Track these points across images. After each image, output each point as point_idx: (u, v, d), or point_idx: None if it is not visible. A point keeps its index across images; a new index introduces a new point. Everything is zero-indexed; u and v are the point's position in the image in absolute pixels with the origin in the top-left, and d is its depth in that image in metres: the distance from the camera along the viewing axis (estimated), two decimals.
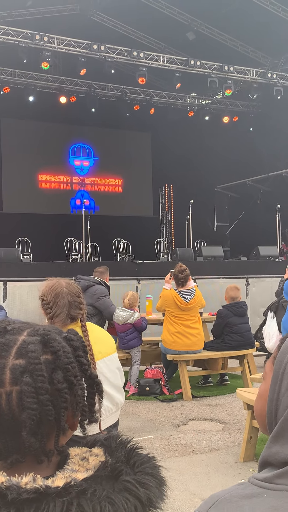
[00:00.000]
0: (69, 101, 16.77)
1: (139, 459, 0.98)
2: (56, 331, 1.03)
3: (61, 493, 0.87)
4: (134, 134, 19.44)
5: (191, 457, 5.16)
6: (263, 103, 17.59)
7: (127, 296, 7.70)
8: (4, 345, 0.97)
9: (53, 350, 0.98)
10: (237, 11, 14.37)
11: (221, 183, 19.25)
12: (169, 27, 15.42)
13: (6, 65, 15.56)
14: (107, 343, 2.90)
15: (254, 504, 0.92)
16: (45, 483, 0.89)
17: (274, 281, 11.47)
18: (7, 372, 0.95)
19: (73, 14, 15.44)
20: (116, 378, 2.88)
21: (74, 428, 1.02)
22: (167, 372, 7.87)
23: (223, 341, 7.80)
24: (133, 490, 0.91)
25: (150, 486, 0.94)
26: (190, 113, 18.43)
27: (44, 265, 11.63)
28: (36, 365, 0.95)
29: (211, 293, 11.08)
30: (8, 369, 0.95)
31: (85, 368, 1.02)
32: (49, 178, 18.61)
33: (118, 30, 15.98)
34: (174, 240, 19.55)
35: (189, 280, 7.71)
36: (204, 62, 14.93)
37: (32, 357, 0.95)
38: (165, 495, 0.97)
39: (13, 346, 0.97)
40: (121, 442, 1.02)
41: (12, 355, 0.96)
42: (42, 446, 0.95)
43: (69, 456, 1.01)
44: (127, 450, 1.00)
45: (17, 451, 0.95)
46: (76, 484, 0.89)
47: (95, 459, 0.98)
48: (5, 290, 9.95)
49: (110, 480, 0.92)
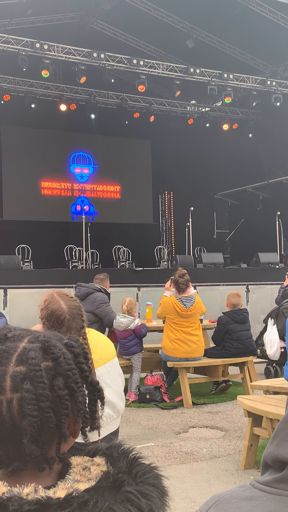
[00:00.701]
0: (69, 108, 16.84)
1: (141, 469, 0.97)
2: (56, 338, 1.03)
3: (62, 504, 0.86)
4: (134, 142, 19.50)
5: (191, 464, 5.14)
6: (263, 110, 17.65)
7: (125, 303, 7.70)
8: (5, 352, 0.97)
9: (53, 356, 0.98)
10: (236, 19, 14.43)
11: (221, 190, 19.28)
12: (168, 35, 15.49)
13: (6, 73, 15.63)
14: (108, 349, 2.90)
15: (252, 506, 0.93)
16: (47, 494, 0.88)
17: (274, 288, 11.46)
18: (8, 379, 0.94)
19: (73, 23, 15.51)
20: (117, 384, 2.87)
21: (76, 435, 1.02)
22: (168, 379, 7.85)
23: (224, 348, 7.79)
24: (135, 501, 0.90)
25: (152, 497, 0.93)
26: (190, 120, 18.48)
27: (44, 272, 11.64)
28: (36, 372, 0.94)
29: (211, 300, 11.08)
30: (8, 376, 0.94)
31: (86, 375, 1.02)
32: (49, 185, 18.64)
33: (118, 38, 16.05)
34: (174, 247, 19.56)
35: (189, 286, 7.71)
36: (204, 70, 14.99)
37: (33, 364, 0.95)
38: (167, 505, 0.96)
39: (13, 353, 0.97)
40: (123, 452, 1.01)
41: (12, 362, 0.96)
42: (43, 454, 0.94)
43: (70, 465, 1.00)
44: (129, 460, 0.99)
45: (18, 459, 0.94)
46: (77, 495, 0.88)
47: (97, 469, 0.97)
48: (5, 297, 9.94)
49: (112, 491, 0.91)
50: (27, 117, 16.63)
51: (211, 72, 15.10)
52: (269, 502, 0.93)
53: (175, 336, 7.51)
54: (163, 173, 19.13)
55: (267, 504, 0.92)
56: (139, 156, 19.78)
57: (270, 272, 12.77)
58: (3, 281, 10.24)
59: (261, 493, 0.95)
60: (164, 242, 19.84)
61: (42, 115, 16.52)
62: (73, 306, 2.78)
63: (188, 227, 14.84)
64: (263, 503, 0.93)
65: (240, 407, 6.32)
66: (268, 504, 0.92)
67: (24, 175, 17.84)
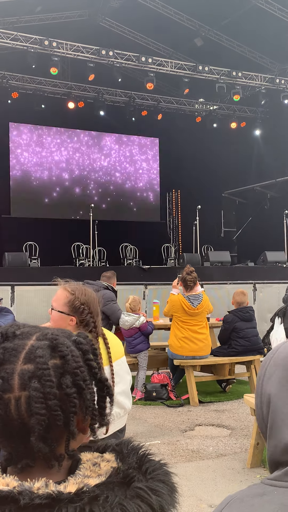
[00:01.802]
0: (77, 106, 16.85)
1: (151, 465, 0.98)
2: (65, 335, 1.03)
3: (73, 498, 0.86)
4: (142, 140, 19.49)
5: (197, 462, 5.15)
6: (271, 108, 17.59)
7: (128, 301, 7.71)
8: (13, 350, 0.97)
9: (61, 354, 0.98)
10: (245, 17, 14.39)
11: (229, 189, 19.25)
12: (177, 33, 15.47)
13: (15, 70, 15.66)
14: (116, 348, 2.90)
15: (264, 502, 0.94)
16: (58, 488, 0.89)
17: (282, 286, 11.44)
18: (16, 377, 0.94)
19: (81, 20, 15.53)
20: (125, 382, 2.88)
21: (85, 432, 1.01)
22: (174, 377, 7.86)
23: (230, 346, 7.78)
24: (145, 497, 0.90)
25: (162, 493, 0.93)
26: (198, 118, 18.46)
27: (52, 270, 11.66)
28: (44, 370, 0.94)
29: (218, 298, 11.07)
30: (16, 374, 0.95)
31: (95, 372, 1.02)
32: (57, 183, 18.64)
33: (126, 36, 16.05)
34: (181, 245, 19.54)
35: (197, 284, 7.70)
36: (212, 68, 14.97)
37: (40, 362, 0.95)
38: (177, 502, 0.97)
39: (21, 351, 0.97)
40: (132, 448, 1.02)
41: (20, 360, 0.96)
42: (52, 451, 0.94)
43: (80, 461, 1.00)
44: (139, 456, 0.99)
45: (27, 456, 0.94)
46: (88, 490, 0.88)
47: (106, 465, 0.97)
48: (13, 294, 9.97)
49: (122, 486, 0.91)
50: (35, 115, 16.66)
51: (220, 70, 15.08)
52: (280, 495, 0.94)
53: (182, 334, 7.51)
54: (171, 171, 19.11)
55: (280, 497, 0.94)
56: (146, 154, 19.76)
57: (278, 271, 12.75)
58: (11, 278, 10.27)
59: (272, 488, 0.96)
60: (171, 240, 19.83)
61: (50, 113, 16.55)
62: None
63: (196, 225, 14.83)
64: (275, 497, 0.94)
65: (246, 406, 6.32)
66: (280, 497, 0.94)
67: (31, 173, 17.86)
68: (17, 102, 16.06)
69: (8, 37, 13.08)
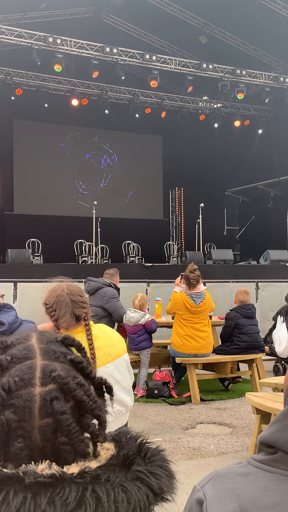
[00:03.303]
0: (81, 103, 16.84)
1: (150, 451, 0.99)
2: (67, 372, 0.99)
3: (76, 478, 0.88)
4: (145, 137, 19.47)
5: (199, 460, 5.15)
6: (275, 107, 17.56)
7: (137, 298, 7.70)
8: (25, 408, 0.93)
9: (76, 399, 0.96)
10: (249, 15, 14.37)
11: (232, 187, 19.23)
12: (181, 31, 15.45)
13: (19, 67, 15.66)
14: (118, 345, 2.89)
15: (247, 482, 0.99)
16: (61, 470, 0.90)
17: (284, 285, 11.43)
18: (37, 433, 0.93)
19: (86, 17, 15.52)
20: (126, 380, 2.88)
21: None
22: (176, 375, 7.86)
23: (233, 342, 7.78)
24: (145, 479, 0.92)
25: (161, 477, 0.95)
26: (202, 116, 18.43)
27: (54, 267, 11.66)
28: (67, 421, 0.93)
29: (221, 296, 11.06)
30: (36, 429, 0.93)
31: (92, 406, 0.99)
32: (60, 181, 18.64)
33: (130, 33, 16.03)
34: (184, 243, 19.55)
35: (199, 282, 7.70)
36: (216, 66, 14.94)
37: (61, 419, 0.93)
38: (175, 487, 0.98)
39: (33, 405, 0.93)
40: (131, 437, 1.03)
41: (37, 416, 0.93)
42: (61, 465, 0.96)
43: None
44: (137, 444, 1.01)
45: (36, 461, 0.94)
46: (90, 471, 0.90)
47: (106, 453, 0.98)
48: (15, 291, 9.98)
49: (123, 469, 0.93)
50: (39, 112, 16.66)
51: (224, 68, 15.05)
52: (263, 478, 0.99)
53: (184, 332, 7.51)
54: (174, 169, 19.10)
55: (262, 480, 0.98)
56: (149, 151, 19.75)
57: (280, 270, 12.72)
58: (13, 275, 10.28)
59: (257, 470, 1.01)
60: (174, 238, 19.83)
61: (54, 110, 16.55)
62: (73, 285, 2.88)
63: (198, 223, 14.82)
64: (258, 479, 0.99)
65: (248, 404, 6.32)
66: (262, 480, 0.98)
67: (35, 169, 17.87)
68: (21, 98, 16.06)
69: (13, 34, 13.08)
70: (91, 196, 18.09)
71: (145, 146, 19.60)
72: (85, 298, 2.87)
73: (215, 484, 1.04)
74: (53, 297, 2.81)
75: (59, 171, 18.46)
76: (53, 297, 2.81)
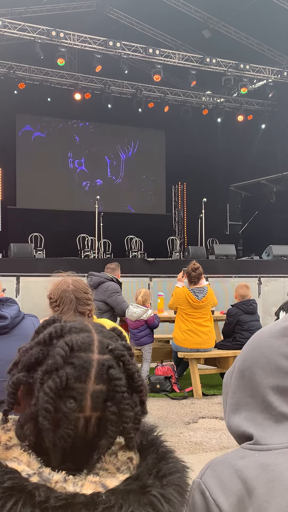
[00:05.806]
0: (84, 97, 16.81)
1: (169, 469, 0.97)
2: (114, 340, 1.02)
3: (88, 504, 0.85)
4: (148, 132, 19.43)
5: (200, 455, 5.16)
6: (278, 101, 17.51)
7: (140, 293, 7.70)
8: (83, 368, 0.94)
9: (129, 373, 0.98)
10: (253, 9, 14.30)
11: (235, 182, 19.19)
12: (185, 25, 15.39)
13: (21, 61, 15.62)
14: None
15: (246, 462, 1.01)
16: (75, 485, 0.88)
17: (287, 280, 11.43)
18: (88, 398, 0.93)
19: (89, 11, 15.46)
20: None
21: None
22: (178, 370, 7.88)
23: (234, 339, 7.78)
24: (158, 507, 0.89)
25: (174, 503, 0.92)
26: (205, 111, 18.38)
27: (57, 261, 11.67)
28: (122, 394, 0.95)
29: (223, 291, 11.06)
30: (89, 395, 0.93)
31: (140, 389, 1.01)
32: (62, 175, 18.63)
33: (134, 27, 15.97)
34: (186, 238, 19.52)
35: (201, 278, 7.70)
36: (220, 60, 14.89)
37: (116, 385, 0.95)
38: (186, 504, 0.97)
39: (90, 368, 0.95)
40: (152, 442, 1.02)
41: (92, 380, 0.94)
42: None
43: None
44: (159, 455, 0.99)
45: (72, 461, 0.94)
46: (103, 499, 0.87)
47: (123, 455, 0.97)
48: (18, 285, 10.00)
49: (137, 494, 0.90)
50: (42, 106, 16.64)
51: (227, 63, 15.00)
52: (261, 456, 1.01)
53: (187, 327, 7.52)
54: (177, 163, 19.05)
55: (260, 458, 1.01)
56: (152, 146, 19.71)
57: (283, 265, 12.71)
58: (16, 269, 10.29)
59: (252, 452, 1.03)
60: (177, 233, 19.81)
61: (56, 104, 16.52)
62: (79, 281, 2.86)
63: (201, 218, 14.80)
64: (256, 458, 1.01)
65: None
66: (260, 458, 1.01)
67: (38, 164, 17.85)
68: (24, 92, 16.04)
69: (16, 28, 13.05)
70: (94, 190, 18.06)
71: (148, 141, 19.55)
72: (90, 295, 2.87)
73: (214, 471, 1.05)
74: (58, 291, 2.81)
75: (62, 165, 18.44)
76: (58, 291, 2.81)
